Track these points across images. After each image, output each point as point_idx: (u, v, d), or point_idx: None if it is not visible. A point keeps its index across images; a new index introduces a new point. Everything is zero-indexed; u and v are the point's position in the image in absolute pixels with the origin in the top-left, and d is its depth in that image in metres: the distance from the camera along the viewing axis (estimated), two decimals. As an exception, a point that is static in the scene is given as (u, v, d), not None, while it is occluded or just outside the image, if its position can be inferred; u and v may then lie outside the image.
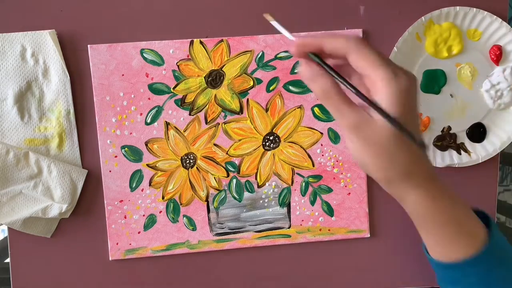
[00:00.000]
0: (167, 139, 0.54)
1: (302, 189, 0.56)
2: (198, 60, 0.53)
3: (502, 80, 0.55)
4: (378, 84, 0.36)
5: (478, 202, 0.58)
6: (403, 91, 0.35)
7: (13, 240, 0.54)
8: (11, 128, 0.52)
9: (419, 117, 0.40)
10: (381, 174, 0.39)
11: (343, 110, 0.37)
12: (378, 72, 0.36)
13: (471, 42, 0.55)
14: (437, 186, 0.41)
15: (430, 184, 0.40)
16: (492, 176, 0.58)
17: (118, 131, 0.53)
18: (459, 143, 0.57)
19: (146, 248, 0.55)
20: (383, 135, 0.36)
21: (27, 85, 0.52)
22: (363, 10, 0.55)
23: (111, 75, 0.53)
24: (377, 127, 0.36)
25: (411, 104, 0.36)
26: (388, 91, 0.36)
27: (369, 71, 0.36)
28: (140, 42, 0.53)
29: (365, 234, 0.58)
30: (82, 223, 0.55)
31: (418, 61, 0.55)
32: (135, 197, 0.54)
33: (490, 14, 0.54)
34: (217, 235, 0.56)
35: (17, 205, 0.53)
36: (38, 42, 0.51)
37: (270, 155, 0.55)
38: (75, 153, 0.53)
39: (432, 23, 0.54)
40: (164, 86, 0.53)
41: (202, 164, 0.55)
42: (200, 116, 0.54)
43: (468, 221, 0.44)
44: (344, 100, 0.37)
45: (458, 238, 0.44)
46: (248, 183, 0.56)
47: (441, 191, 0.41)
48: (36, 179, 0.53)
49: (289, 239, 0.57)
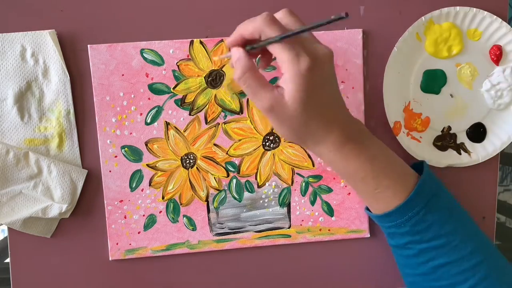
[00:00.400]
0: (167, 139, 0.54)
1: (302, 189, 0.56)
2: (198, 60, 0.53)
3: (502, 80, 0.55)
4: (282, 66, 0.40)
5: (478, 202, 0.58)
6: (304, 72, 0.39)
7: (13, 240, 0.54)
8: (11, 128, 0.52)
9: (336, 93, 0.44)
10: (298, 142, 0.47)
11: (258, 94, 0.41)
12: (281, 55, 0.40)
13: (471, 42, 0.55)
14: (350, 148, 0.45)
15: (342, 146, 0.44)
16: (492, 176, 0.58)
17: (118, 131, 0.53)
18: (459, 143, 0.57)
19: (146, 248, 0.55)
20: (292, 112, 0.41)
21: (27, 85, 0.52)
22: (363, 10, 0.55)
23: (111, 75, 0.53)
24: (287, 105, 0.41)
25: (314, 82, 0.40)
26: (290, 73, 0.40)
27: (275, 53, 0.41)
28: (140, 42, 0.53)
29: (365, 234, 0.58)
30: (82, 223, 0.55)
31: (418, 61, 0.55)
32: (135, 197, 0.54)
33: (490, 14, 0.54)
34: (217, 235, 0.56)
35: (17, 205, 0.53)
36: (38, 42, 0.51)
37: (270, 155, 0.55)
38: (75, 153, 0.54)
39: (432, 23, 0.54)
40: (164, 86, 0.53)
41: (202, 164, 0.55)
42: (200, 116, 0.54)
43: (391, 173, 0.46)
44: (259, 83, 0.42)
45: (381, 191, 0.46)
46: (248, 183, 0.56)
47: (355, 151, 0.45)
48: (36, 179, 0.53)
49: (289, 239, 0.57)
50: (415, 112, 0.56)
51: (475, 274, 0.45)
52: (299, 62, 0.39)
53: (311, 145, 0.45)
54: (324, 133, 0.44)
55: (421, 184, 0.45)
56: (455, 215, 0.47)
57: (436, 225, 0.45)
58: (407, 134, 0.56)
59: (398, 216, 0.46)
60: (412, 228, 0.46)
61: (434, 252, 0.46)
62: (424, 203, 0.45)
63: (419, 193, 0.45)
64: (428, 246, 0.46)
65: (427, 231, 0.46)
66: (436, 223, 0.46)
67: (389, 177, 0.46)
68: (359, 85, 0.55)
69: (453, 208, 0.48)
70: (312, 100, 0.41)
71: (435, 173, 0.50)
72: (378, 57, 0.55)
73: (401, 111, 0.56)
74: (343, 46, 0.54)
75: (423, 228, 0.46)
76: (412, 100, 0.56)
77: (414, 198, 0.45)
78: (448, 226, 0.46)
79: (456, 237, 0.46)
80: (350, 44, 0.54)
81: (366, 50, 0.55)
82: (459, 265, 0.46)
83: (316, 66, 0.40)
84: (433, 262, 0.46)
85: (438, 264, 0.46)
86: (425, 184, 0.46)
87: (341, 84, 0.55)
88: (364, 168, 0.45)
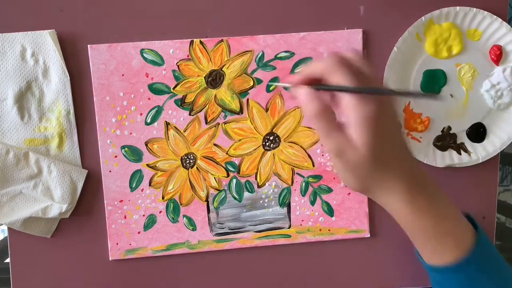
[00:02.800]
0: (167, 139, 0.54)
1: (302, 189, 0.56)
2: (198, 60, 0.53)
3: (502, 80, 0.55)
4: (345, 111, 0.38)
5: (478, 202, 0.58)
6: (369, 117, 0.37)
7: (13, 240, 0.54)
8: (11, 128, 0.52)
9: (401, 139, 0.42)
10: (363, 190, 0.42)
11: (330, 136, 0.39)
12: (346, 99, 0.38)
13: (471, 42, 0.55)
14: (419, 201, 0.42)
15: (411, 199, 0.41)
16: (492, 176, 0.58)
17: (118, 131, 0.53)
18: (459, 143, 0.57)
19: (146, 248, 0.55)
20: (361, 157, 0.39)
21: (27, 85, 0.52)
22: (363, 10, 0.55)
23: (111, 75, 0.53)
24: (356, 151, 0.38)
25: (382, 128, 0.38)
26: (356, 118, 0.38)
27: (340, 96, 0.39)
28: (140, 42, 0.53)
29: (365, 234, 0.58)
30: (82, 223, 0.55)
31: (418, 61, 0.55)
32: (135, 197, 0.54)
33: (490, 14, 0.54)
34: (217, 235, 0.56)
35: (17, 205, 0.53)
36: (38, 42, 0.51)
37: (270, 155, 0.55)
38: (75, 153, 0.53)
39: (432, 23, 0.54)
40: (164, 86, 0.53)
41: (202, 164, 0.55)
42: (200, 116, 0.54)
43: (453, 230, 0.44)
44: (331, 124, 0.40)
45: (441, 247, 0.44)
46: (248, 183, 0.56)
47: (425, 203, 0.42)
48: (36, 179, 0.53)
49: (289, 239, 0.57)
50: (415, 112, 0.56)
51: None
52: (365, 105, 0.37)
53: (378, 194, 0.42)
54: (393, 182, 0.41)
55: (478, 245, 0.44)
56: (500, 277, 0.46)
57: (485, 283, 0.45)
58: (407, 134, 0.56)
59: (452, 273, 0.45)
60: (462, 283, 0.45)
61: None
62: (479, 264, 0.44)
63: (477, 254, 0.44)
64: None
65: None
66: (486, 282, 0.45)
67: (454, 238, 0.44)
68: (359, 85, 0.55)
69: (500, 269, 0.47)
70: (381, 146, 0.39)
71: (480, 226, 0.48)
72: (378, 57, 0.55)
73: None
74: (343, 46, 0.54)
75: (472, 285, 0.45)
76: (412, 100, 0.56)
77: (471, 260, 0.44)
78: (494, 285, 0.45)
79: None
80: (350, 44, 0.54)
81: (366, 50, 0.55)
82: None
83: (382, 111, 0.38)
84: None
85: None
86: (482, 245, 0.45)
87: (341, 84, 0.55)
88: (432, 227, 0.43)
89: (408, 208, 0.42)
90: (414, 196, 0.42)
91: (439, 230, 0.43)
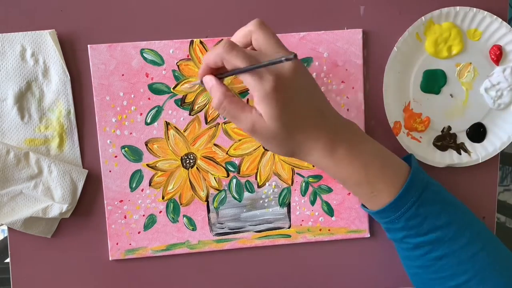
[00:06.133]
0: (167, 139, 0.54)
1: (302, 189, 0.56)
2: (198, 60, 0.53)
3: (502, 80, 0.55)
4: (249, 90, 0.42)
5: (478, 202, 0.58)
6: (268, 92, 0.40)
7: (13, 240, 0.54)
8: (11, 128, 0.52)
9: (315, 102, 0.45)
10: (289, 156, 0.46)
11: (238, 117, 0.43)
12: (246, 79, 0.41)
13: (471, 42, 0.55)
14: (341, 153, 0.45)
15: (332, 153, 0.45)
16: (492, 176, 0.58)
17: (118, 131, 0.53)
18: (459, 143, 0.57)
19: (146, 248, 0.55)
20: (273, 129, 0.42)
21: (27, 85, 0.52)
22: (363, 10, 0.55)
23: (111, 75, 0.53)
24: (266, 125, 0.42)
25: (285, 99, 0.41)
26: (258, 96, 0.41)
27: (240, 78, 0.42)
28: (140, 42, 0.53)
29: (365, 234, 0.58)
30: (82, 223, 0.55)
31: (418, 61, 0.55)
32: (135, 197, 0.55)
33: (490, 14, 0.54)
34: (217, 235, 0.56)
35: (17, 205, 0.53)
36: (38, 42, 0.51)
37: (270, 155, 0.55)
38: (76, 153, 0.54)
39: (432, 23, 0.54)
40: (164, 86, 0.53)
41: (202, 164, 0.55)
42: (200, 116, 0.54)
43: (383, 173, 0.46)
44: (237, 107, 0.43)
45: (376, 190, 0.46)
46: (248, 183, 0.56)
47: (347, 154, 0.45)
48: (36, 179, 0.53)
49: (289, 239, 0.57)
50: (415, 112, 0.56)
51: (474, 264, 0.46)
52: (263, 83, 0.40)
53: (303, 156, 0.46)
54: (312, 142, 0.44)
55: (410, 180, 0.46)
56: (448, 207, 0.48)
57: (430, 218, 0.46)
58: (407, 134, 0.56)
59: (391, 213, 0.46)
60: (406, 223, 0.46)
61: (430, 245, 0.47)
62: (415, 197, 0.46)
63: (409, 189, 0.46)
64: (424, 239, 0.47)
65: (421, 225, 0.46)
66: (429, 217, 0.46)
67: (384, 181, 0.46)
68: (359, 85, 0.55)
69: (446, 200, 0.48)
70: (288, 115, 0.42)
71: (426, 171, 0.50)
72: (378, 57, 0.55)
73: (401, 111, 0.56)
74: (343, 46, 0.54)
75: (417, 222, 0.46)
76: (412, 100, 0.56)
77: (404, 195, 0.46)
78: (442, 219, 0.46)
79: (451, 229, 0.46)
80: (350, 44, 0.54)
81: (366, 50, 0.55)
82: (457, 256, 0.46)
83: (281, 84, 0.41)
84: (431, 254, 0.47)
85: (436, 257, 0.47)
86: (414, 179, 0.46)
87: (341, 84, 0.55)
88: (358, 174, 0.46)
89: (331, 162, 0.45)
90: (335, 150, 0.45)
91: (368, 175, 0.46)
